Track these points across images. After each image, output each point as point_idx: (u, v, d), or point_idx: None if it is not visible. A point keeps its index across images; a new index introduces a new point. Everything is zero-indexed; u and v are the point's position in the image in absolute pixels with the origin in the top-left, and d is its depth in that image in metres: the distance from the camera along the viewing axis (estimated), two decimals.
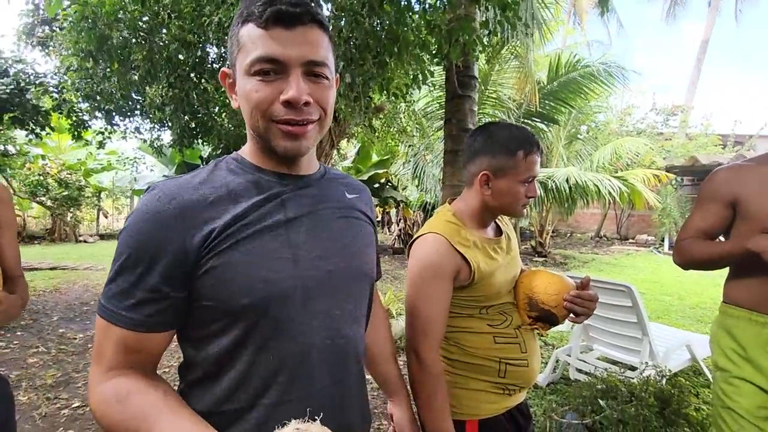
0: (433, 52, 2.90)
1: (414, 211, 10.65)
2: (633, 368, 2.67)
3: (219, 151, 5.71)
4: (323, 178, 0.78)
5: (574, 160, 9.88)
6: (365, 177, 8.64)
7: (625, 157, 9.29)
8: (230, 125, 4.60)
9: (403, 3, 2.63)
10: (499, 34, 2.87)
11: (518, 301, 1.12)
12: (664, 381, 2.14)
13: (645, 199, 7.95)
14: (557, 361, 3.11)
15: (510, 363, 1.07)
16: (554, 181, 7.48)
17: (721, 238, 1.40)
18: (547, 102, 7.57)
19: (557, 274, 1.10)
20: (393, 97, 3.36)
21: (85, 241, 11.71)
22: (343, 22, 2.75)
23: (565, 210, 8.65)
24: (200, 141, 5.15)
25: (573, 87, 7.49)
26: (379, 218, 12.59)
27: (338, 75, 0.74)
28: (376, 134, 5.82)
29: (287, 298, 0.64)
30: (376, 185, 9.11)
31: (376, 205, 10.68)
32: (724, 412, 1.29)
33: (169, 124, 4.50)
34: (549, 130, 8.52)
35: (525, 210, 1.11)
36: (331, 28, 3.05)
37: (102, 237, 12.66)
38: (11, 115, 4.20)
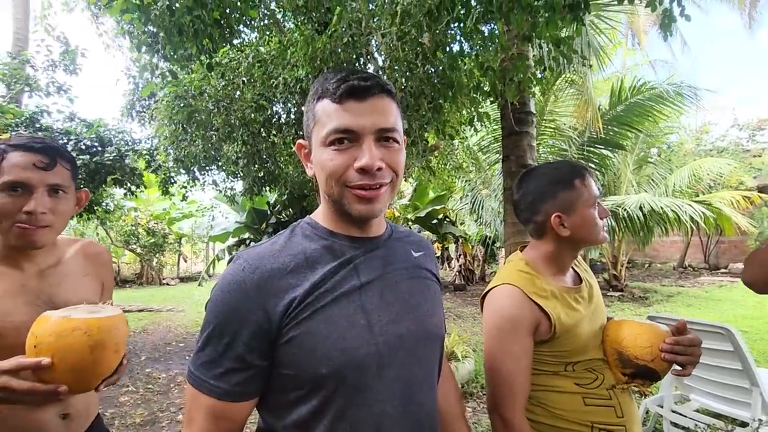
0: (489, 94, 2.94)
1: (473, 246, 10.42)
2: (743, 424, 2.32)
3: (284, 197, 6.10)
4: (390, 238, 0.79)
5: (645, 185, 9.21)
6: (423, 214, 8.68)
7: (705, 178, 8.50)
8: (294, 173, 4.92)
9: (455, 49, 2.73)
10: (554, 69, 2.85)
11: (608, 357, 1.01)
12: None
13: (735, 223, 7.15)
14: (647, 413, 2.79)
15: (604, 429, 0.95)
16: (625, 209, 7.01)
17: None
18: (610, 127, 7.24)
19: (645, 322, 0.98)
20: (450, 138, 3.42)
21: (167, 284, 12.82)
22: (397, 73, 2.91)
23: (640, 239, 8.01)
24: (268, 189, 5.56)
25: (639, 110, 7.12)
26: (439, 254, 12.45)
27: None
28: (432, 172, 5.90)
29: (363, 366, 0.64)
30: (434, 221, 9.10)
31: (434, 242, 10.62)
32: None
33: (241, 174, 4.92)
34: (615, 156, 8.08)
35: (605, 235, 1.05)
36: (385, 76, 3.23)
37: (182, 280, 13.79)
38: (113, 177, 4.90)
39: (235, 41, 3.29)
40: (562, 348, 0.98)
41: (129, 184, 5.11)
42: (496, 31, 2.57)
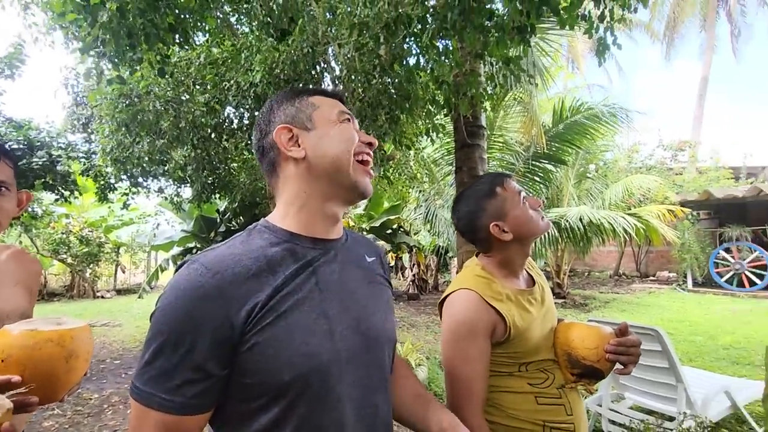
0: (442, 106, 3.04)
1: (427, 256, 10.60)
2: (671, 418, 2.53)
3: (236, 205, 5.89)
4: (346, 241, 0.81)
5: (585, 198, 9.88)
6: (378, 223, 8.73)
7: (636, 193, 9.28)
8: (247, 180, 4.78)
9: (411, 62, 2.80)
10: (504, 85, 3.01)
11: (558, 358, 1.05)
12: None
13: (662, 235, 7.84)
14: (587, 412, 2.96)
15: (555, 427, 0.99)
16: (567, 221, 7.46)
17: None
18: (553, 144, 7.72)
19: (593, 324, 1.05)
20: (406, 149, 3.48)
21: (102, 297, 11.83)
22: (354, 83, 2.93)
23: (580, 249, 8.54)
24: (218, 196, 5.34)
25: (578, 129, 7.66)
26: (392, 264, 12.52)
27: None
28: (387, 181, 5.96)
29: (327, 372, 0.64)
30: (389, 231, 9.17)
31: (389, 251, 10.69)
32: None
33: (190, 181, 4.70)
34: (557, 171, 8.61)
35: (546, 221, 1.11)
36: (343, 88, 3.24)
37: (119, 292, 12.79)
38: (42, 181, 4.47)
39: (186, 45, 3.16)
40: (516, 349, 1.01)
41: (61, 189, 4.69)
42: (450, 48, 2.68)
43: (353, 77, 2.92)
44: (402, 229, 9.73)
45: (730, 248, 9.75)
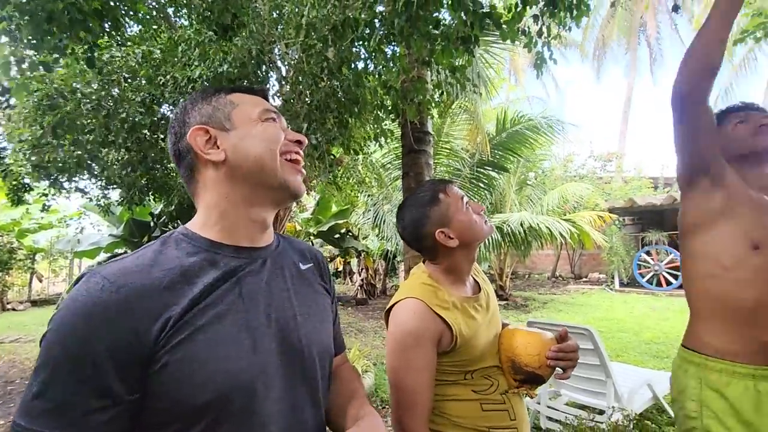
0: (390, 111, 3.04)
1: (375, 260, 10.61)
2: (602, 412, 2.69)
3: (172, 208, 5.52)
4: (277, 248, 0.77)
5: (526, 204, 10.41)
6: (325, 228, 8.60)
7: (571, 200, 9.94)
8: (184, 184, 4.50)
9: (360, 66, 2.78)
10: (450, 93, 3.07)
11: (502, 364, 1.06)
12: (631, 425, 2.16)
13: (593, 239, 8.44)
14: (527, 411, 3.08)
15: None
16: (509, 225, 7.81)
17: None
18: (497, 152, 8.06)
19: (535, 331, 1.07)
20: (354, 153, 3.45)
21: (13, 309, 10.58)
22: (302, 85, 2.86)
23: (521, 252, 8.99)
24: (152, 198, 4.96)
25: (519, 138, 8.07)
26: (341, 269, 12.40)
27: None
28: (336, 186, 5.89)
29: (250, 389, 0.60)
30: (337, 236, 9.07)
31: (336, 256, 10.57)
32: None
33: (121, 182, 4.32)
34: (500, 177, 9.00)
35: (490, 225, 1.12)
36: (290, 89, 3.15)
37: (34, 303, 11.50)
38: None
39: (117, 35, 2.91)
40: (463, 357, 1.01)
41: None
42: (398, 53, 2.70)
43: (300, 79, 2.84)
44: (350, 234, 9.67)
45: (650, 251, 10.74)
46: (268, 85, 3.51)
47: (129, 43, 3.42)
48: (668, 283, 10.13)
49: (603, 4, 17.24)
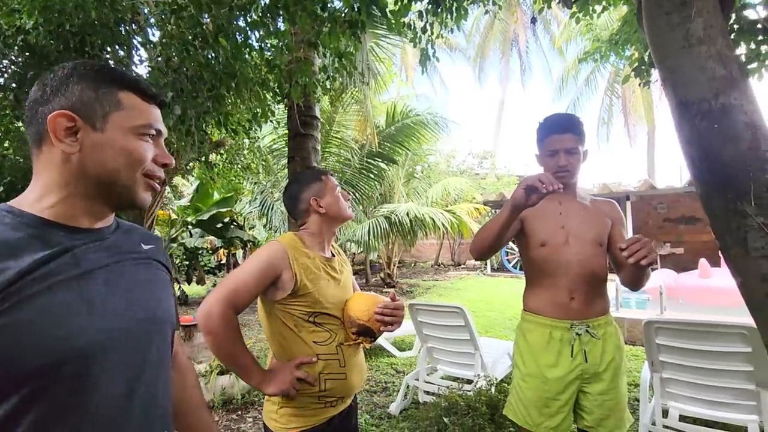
0: (274, 90, 2.89)
1: None
2: (470, 381, 2.97)
3: (2, 188, 4.52)
4: (117, 230, 0.77)
5: (413, 196, 10.99)
6: (206, 217, 7.91)
7: (452, 193, 10.78)
8: (18, 156, 3.71)
9: (239, 39, 2.58)
10: (337, 79, 3.04)
11: (344, 321, 1.30)
12: (492, 389, 2.43)
13: (470, 228, 9.29)
14: (408, 387, 3.26)
15: (329, 378, 1.23)
16: (397, 215, 8.15)
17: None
18: (386, 144, 8.32)
19: (371, 294, 1.31)
20: (233, 133, 3.20)
21: None
22: (172, 51, 2.54)
23: (408, 241, 9.47)
24: None
25: (407, 132, 8.44)
26: (224, 261, 11.59)
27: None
28: (216, 171, 5.43)
29: (85, 355, 0.61)
30: (219, 225, 8.42)
31: (220, 247, 9.86)
32: (519, 403, 1.57)
33: None
34: (389, 169, 9.33)
35: (351, 212, 1.41)
36: (157, 55, 2.79)
37: None
38: None
39: None
40: (306, 300, 1.22)
41: None
42: (283, 29, 2.56)
43: (170, 43, 2.52)
44: (235, 224, 9.07)
45: None
46: (131, 50, 3.05)
47: None
48: None
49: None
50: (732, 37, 2.33)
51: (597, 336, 1.52)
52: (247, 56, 2.67)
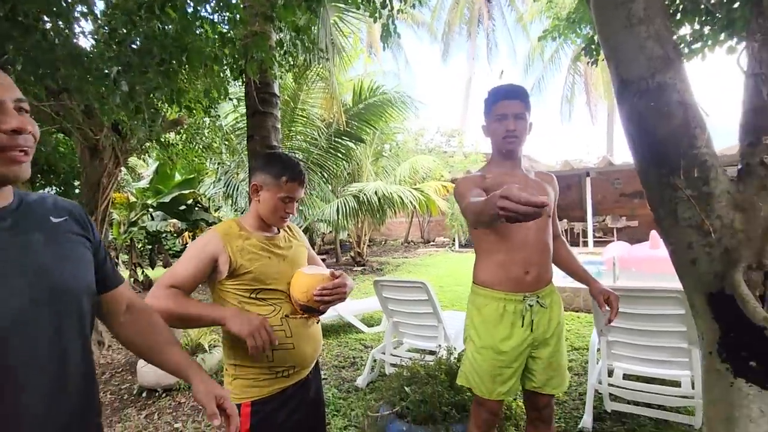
0: (231, 66, 2.78)
1: None
2: (433, 352, 3.08)
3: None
4: (19, 208, 0.75)
5: (381, 175, 10.98)
6: (167, 199, 7.64)
7: (420, 171, 10.85)
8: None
9: (189, 10, 2.44)
10: (296, 55, 2.96)
11: (291, 297, 1.33)
12: (452, 358, 2.53)
13: (438, 206, 9.42)
14: (374, 361, 3.35)
15: (276, 349, 1.24)
16: (365, 194, 8.15)
17: None
18: (353, 122, 8.22)
19: (311, 273, 1.31)
20: (189, 111, 3.07)
21: None
22: (117, 22, 2.39)
23: (377, 220, 9.52)
24: None
25: (375, 110, 8.36)
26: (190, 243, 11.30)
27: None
28: (175, 151, 5.21)
29: None
30: (182, 207, 8.17)
31: (184, 230, 9.59)
32: (473, 373, 1.63)
33: None
34: (357, 148, 9.26)
35: (283, 221, 1.38)
36: (102, 26, 2.61)
37: None
38: None
39: None
40: (246, 278, 1.26)
41: None
42: (234, 1, 2.45)
43: (113, 13, 2.37)
44: (199, 205, 8.82)
45: None
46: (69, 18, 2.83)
47: None
48: None
49: None
50: (677, 17, 2.43)
51: (545, 305, 1.62)
52: (199, 29, 2.54)
